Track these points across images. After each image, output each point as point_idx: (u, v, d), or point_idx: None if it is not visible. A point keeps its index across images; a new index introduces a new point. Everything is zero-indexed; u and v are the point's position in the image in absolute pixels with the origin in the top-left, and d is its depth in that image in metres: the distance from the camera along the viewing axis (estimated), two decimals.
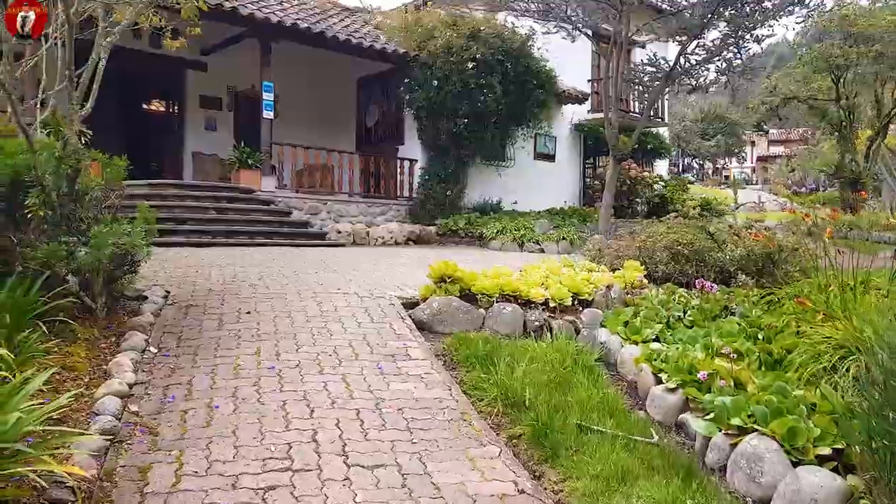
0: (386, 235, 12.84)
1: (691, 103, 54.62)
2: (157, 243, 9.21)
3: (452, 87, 13.38)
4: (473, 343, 4.82)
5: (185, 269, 6.99)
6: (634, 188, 17.26)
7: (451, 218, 13.77)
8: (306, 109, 15.51)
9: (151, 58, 13.22)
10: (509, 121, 14.55)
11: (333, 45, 12.88)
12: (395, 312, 5.44)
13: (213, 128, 14.47)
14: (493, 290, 5.50)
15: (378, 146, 15.36)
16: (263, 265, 7.58)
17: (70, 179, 4.31)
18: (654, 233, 8.10)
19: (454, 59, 13.46)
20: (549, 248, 11.68)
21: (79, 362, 4.10)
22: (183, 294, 5.53)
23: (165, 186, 10.54)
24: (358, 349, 4.61)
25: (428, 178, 14.20)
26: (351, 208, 13.34)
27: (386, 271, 7.67)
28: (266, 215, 10.94)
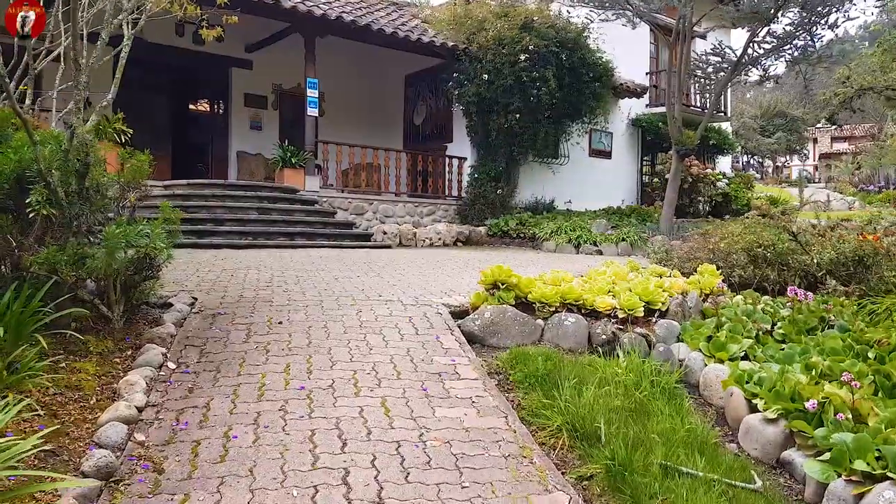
0: (433, 236, 12.29)
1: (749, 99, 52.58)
2: (194, 245, 8.92)
3: (504, 80, 12.76)
4: (532, 360, 4.19)
5: (219, 272, 6.56)
6: (696, 186, 16.26)
7: (501, 218, 13.14)
8: (353, 107, 15.11)
9: (196, 56, 13.02)
10: (564, 116, 13.83)
11: (380, 40, 12.42)
12: (443, 323, 4.85)
13: (259, 127, 14.19)
14: (552, 299, 4.85)
15: (426, 144, 14.86)
16: (302, 269, 7.11)
17: (79, 175, 3.87)
18: (729, 233, 7.29)
19: (506, 51, 12.85)
20: (607, 250, 10.92)
21: (86, 380, 3.63)
22: (211, 301, 5.07)
23: (205, 186, 10.23)
24: (400, 366, 4.04)
25: (477, 177, 13.62)
26: (397, 208, 12.85)
27: (433, 275, 7.09)
28: (309, 216, 10.52)
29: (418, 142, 15.16)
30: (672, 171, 12.45)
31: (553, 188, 14.94)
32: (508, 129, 13.11)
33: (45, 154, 3.63)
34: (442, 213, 13.62)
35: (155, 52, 12.35)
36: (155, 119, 13.24)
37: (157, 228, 4.17)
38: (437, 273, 7.35)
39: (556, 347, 4.63)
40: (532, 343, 4.66)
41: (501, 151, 13.52)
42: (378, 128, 15.35)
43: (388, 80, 15.46)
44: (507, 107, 12.93)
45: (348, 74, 14.84)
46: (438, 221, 13.40)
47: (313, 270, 7.01)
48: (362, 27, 11.76)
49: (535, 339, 4.69)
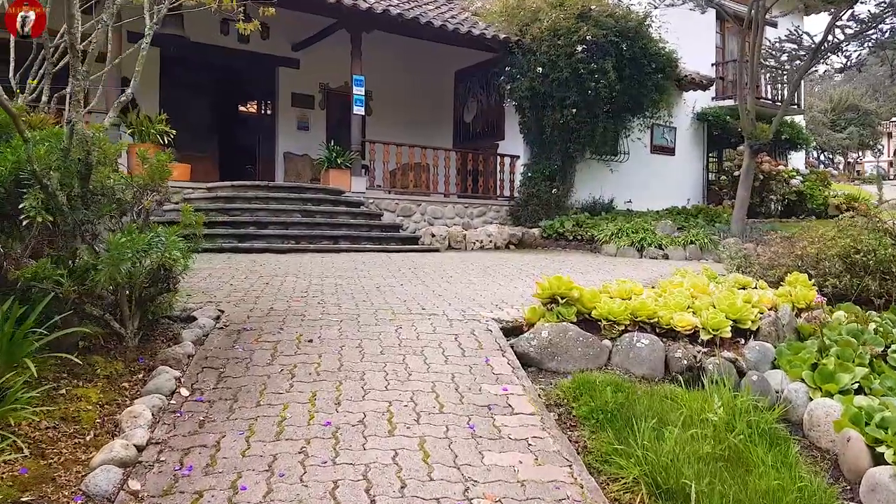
0: (484, 239, 11.68)
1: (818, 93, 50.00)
2: (234, 249, 8.54)
3: (559, 73, 12.05)
4: (599, 391, 3.55)
5: (254, 280, 6.12)
6: (767, 184, 15.19)
7: (556, 219, 12.43)
8: (401, 105, 14.64)
9: (242, 55, 12.77)
10: (624, 110, 13.02)
11: (428, 33, 11.88)
12: (493, 342, 4.25)
13: (306, 127, 13.86)
14: (621, 315, 4.19)
15: (476, 142, 14.27)
16: (343, 275, 6.61)
17: (82, 177, 3.42)
18: (819, 236, 6.45)
19: (561, 42, 12.14)
20: (674, 254, 10.10)
21: (86, 410, 3.18)
22: (238, 314, 4.59)
23: (249, 188, 9.88)
24: (443, 396, 3.46)
25: (531, 176, 12.94)
26: (446, 209, 12.29)
27: (482, 284, 6.49)
28: (354, 218, 10.06)
29: (468, 140, 14.58)
30: (744, 168, 11.50)
31: (612, 187, 14.13)
32: (564, 125, 12.40)
33: (41, 153, 3.19)
34: (493, 214, 13.00)
35: (199, 51, 12.14)
36: (201, 120, 13.04)
37: (172, 235, 3.69)
38: (487, 281, 6.74)
39: (627, 374, 3.97)
40: (598, 368, 4.01)
41: (556, 149, 12.81)
42: (427, 126, 14.83)
43: (438, 76, 14.93)
44: (563, 101, 12.22)
45: (396, 71, 14.37)
46: (489, 223, 12.79)
47: (354, 278, 6.51)
48: (410, 20, 11.24)
49: (601, 364, 4.04)
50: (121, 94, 4.39)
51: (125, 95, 4.40)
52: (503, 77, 12.78)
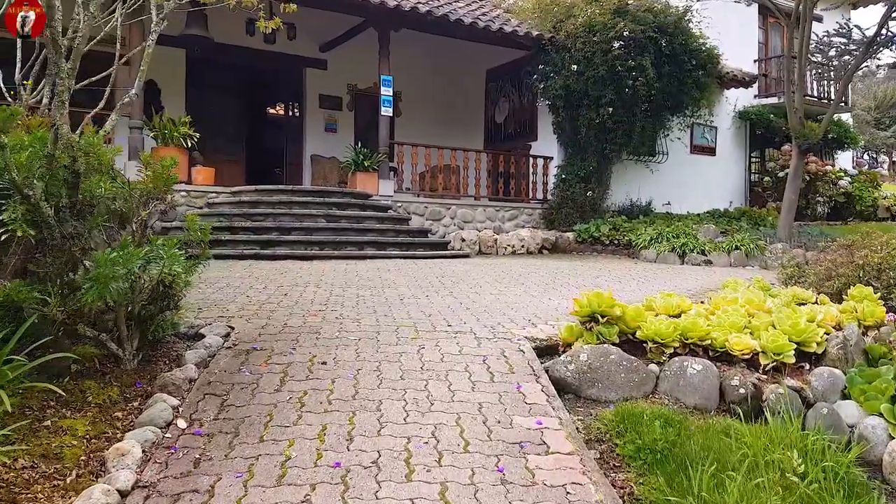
0: (516, 243, 11.25)
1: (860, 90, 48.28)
2: (256, 256, 8.26)
3: (595, 71, 11.57)
4: (647, 425, 3.12)
5: (272, 290, 5.80)
6: (814, 185, 14.49)
7: (592, 223, 11.94)
8: (430, 106, 14.30)
9: (268, 56, 12.57)
10: (662, 109, 12.48)
11: (458, 31, 11.50)
12: (526, 364, 3.84)
13: (334, 129, 13.61)
14: (669, 336, 3.75)
15: (508, 143, 13.86)
16: (366, 285, 6.27)
17: (70, 186, 3.11)
18: (883, 243, 5.89)
19: (597, 38, 11.66)
20: (718, 260, 9.55)
21: (70, 446, 2.87)
22: (249, 331, 4.26)
23: (273, 192, 9.63)
24: (469, 431, 3.06)
25: (565, 178, 12.48)
26: (477, 213, 11.90)
27: (514, 295, 6.08)
28: (380, 223, 9.72)
29: (500, 141, 14.16)
30: (792, 169, 10.87)
31: (650, 189, 13.58)
32: (600, 125, 11.91)
33: (22, 160, 2.89)
34: (525, 217, 12.56)
35: (225, 52, 11.97)
36: (228, 123, 12.87)
37: (172, 248, 3.37)
38: (519, 292, 6.32)
39: (676, 403, 3.52)
40: (643, 396, 3.57)
41: (592, 149, 12.32)
42: (457, 127, 14.46)
43: (468, 76, 14.55)
44: (599, 100, 11.74)
45: (426, 71, 14.04)
46: (522, 227, 12.36)
47: (377, 288, 6.15)
48: (439, 18, 10.88)
49: (646, 392, 3.60)
50: (124, 96, 4.09)
51: (128, 97, 4.11)
52: (536, 75, 12.35)
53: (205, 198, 9.62)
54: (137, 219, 3.62)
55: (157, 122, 9.43)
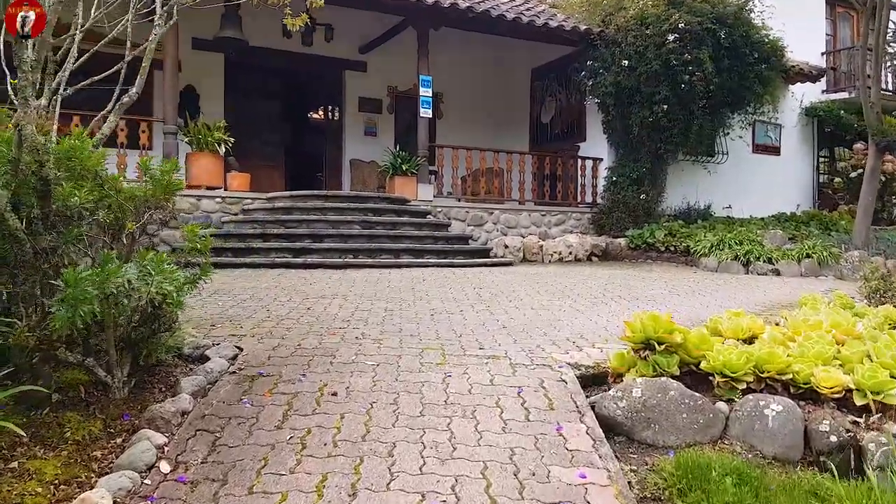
0: (563, 250, 10.64)
1: None
2: (287, 264, 7.88)
3: (648, 66, 10.89)
4: (716, 483, 2.54)
5: (296, 303, 5.39)
6: (890, 186, 13.37)
7: (646, 228, 11.23)
8: (473, 107, 13.81)
9: (307, 59, 12.30)
10: (722, 105, 11.69)
11: (501, 28, 10.99)
12: (568, 398, 3.29)
13: (373, 132, 13.24)
14: (741, 369, 3.15)
15: (555, 144, 13.25)
16: (396, 297, 5.79)
17: (40, 195, 2.72)
18: None
19: (650, 31, 10.97)
20: (787, 270, 8.74)
21: (34, 494, 2.46)
22: (259, 352, 3.83)
23: (308, 198, 9.28)
24: (496, 486, 2.54)
25: (616, 180, 11.79)
26: (521, 218, 11.33)
27: (558, 309, 5.50)
28: (418, 229, 9.26)
29: (546, 142, 13.55)
30: (868, 169, 9.96)
31: (708, 191, 12.75)
32: (654, 123, 11.20)
33: None
34: (573, 222, 11.93)
35: (261, 56, 11.74)
36: (268, 127, 12.65)
37: (162, 264, 2.95)
38: (564, 306, 5.74)
39: (751, 451, 2.91)
40: (710, 441, 2.98)
41: (645, 150, 11.61)
42: (501, 129, 13.93)
43: (512, 75, 13.99)
44: (652, 97, 11.04)
45: (468, 71, 13.55)
46: (569, 232, 11.73)
47: (408, 301, 5.67)
48: (479, 14, 10.38)
49: (714, 436, 3.00)
50: (123, 96, 3.71)
51: (128, 97, 3.73)
52: (584, 72, 11.72)
53: (240, 204, 9.34)
54: (135, 229, 3.21)
55: (191, 128, 9.20)
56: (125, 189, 3.45)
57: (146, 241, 8.79)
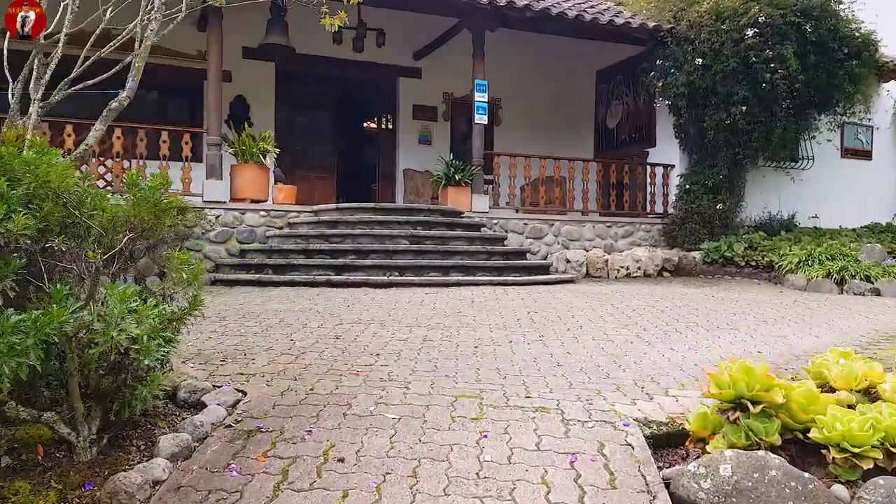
0: (631, 265, 9.81)
1: None
2: (328, 283, 7.38)
3: (724, 64, 9.98)
4: None
5: (326, 330, 4.85)
6: None
7: (723, 240, 10.28)
8: (532, 112, 13.13)
9: (359, 66, 11.91)
10: (807, 106, 10.65)
11: (563, 27, 10.29)
12: (636, 472, 2.58)
13: (428, 141, 12.72)
14: (865, 442, 2.37)
15: (621, 150, 12.41)
16: (439, 324, 5.18)
17: None
18: None
19: (726, 27, 10.07)
20: (888, 290, 7.67)
21: None
22: (265, 398, 3.28)
23: (355, 211, 8.81)
24: None
25: (689, 188, 10.87)
26: (584, 230, 10.55)
27: (623, 341, 4.76)
28: (470, 244, 8.62)
29: (612, 148, 12.71)
30: None
31: (792, 199, 11.64)
32: (731, 126, 10.25)
33: None
34: (642, 234, 11.05)
35: (312, 64, 11.43)
36: (319, 137, 12.33)
37: (124, 302, 2.42)
38: (632, 335, 4.99)
39: None
40: None
41: (721, 155, 10.65)
42: (563, 135, 13.17)
43: (575, 78, 13.22)
44: (730, 97, 10.11)
45: (527, 75, 12.89)
46: (637, 245, 10.87)
47: (452, 328, 5.05)
48: (538, 13, 9.71)
49: None
50: (112, 101, 3.25)
51: (117, 101, 3.27)
52: (653, 73, 10.87)
53: (285, 217, 8.96)
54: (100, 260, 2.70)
55: (235, 138, 8.89)
56: (110, 209, 2.96)
57: None
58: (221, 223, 8.64)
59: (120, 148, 8.37)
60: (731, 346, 4.68)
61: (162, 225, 3.03)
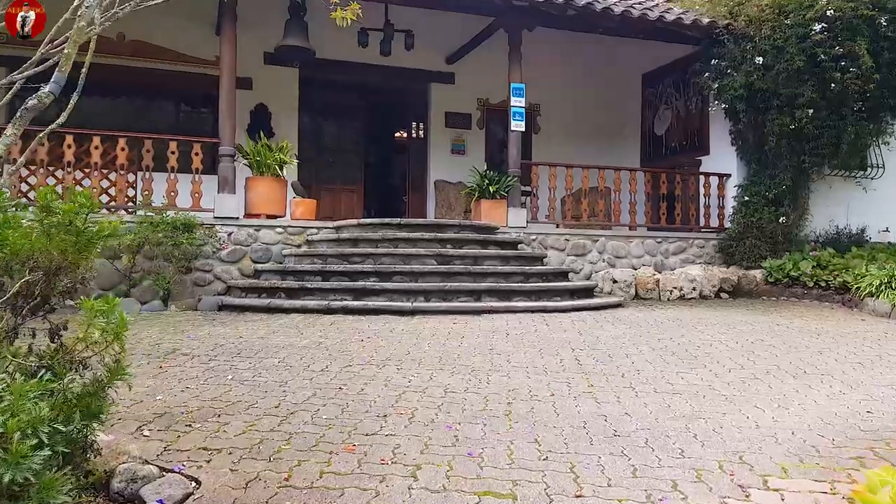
0: (684, 285, 8.83)
1: None
2: (344, 309, 6.51)
3: (788, 63, 8.99)
4: None
5: (331, 375, 4.05)
6: None
7: (787, 257, 9.23)
8: (573, 119, 12.25)
9: (388, 72, 11.19)
10: (881, 108, 9.53)
11: (607, 25, 9.41)
12: None
13: (462, 151, 11.93)
14: None
15: (672, 158, 11.43)
16: (465, 366, 4.33)
17: None
18: None
19: (790, 21, 9.08)
20: None
21: None
22: (222, 491, 2.45)
23: (378, 227, 8.04)
24: None
25: (748, 200, 9.85)
26: (632, 246, 9.61)
27: (695, 392, 3.84)
28: (505, 263, 7.74)
29: (661, 157, 11.73)
30: None
31: (861, 212, 10.49)
32: (796, 132, 9.23)
33: None
34: (695, 250, 10.04)
35: (337, 69, 10.78)
36: (344, 147, 11.66)
37: None
38: (702, 383, 4.06)
39: None
40: None
41: (784, 163, 9.60)
42: (607, 142, 12.24)
43: (620, 82, 12.29)
44: (794, 99, 9.10)
45: (570, 79, 12.03)
46: (691, 262, 9.88)
47: (481, 372, 4.20)
48: (581, 9, 8.84)
49: None
50: (30, 99, 2.51)
51: (35, 99, 2.51)
52: (707, 74, 9.90)
53: (304, 234, 8.24)
54: None
55: (250, 148, 8.21)
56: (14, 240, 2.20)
57: (198, 276, 7.86)
58: (234, 241, 7.96)
59: (124, 160, 7.76)
60: (831, 401, 3.73)
61: (84, 260, 2.26)
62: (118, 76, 9.67)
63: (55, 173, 7.87)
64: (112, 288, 7.50)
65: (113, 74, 9.41)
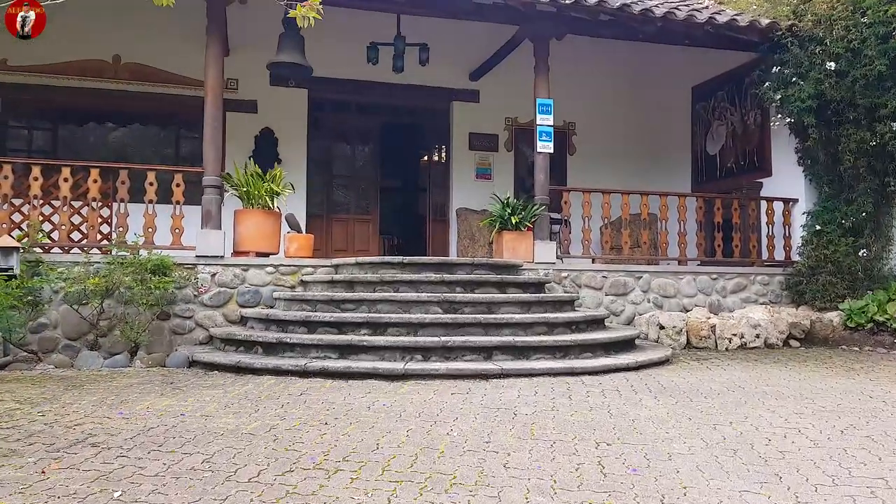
0: (746, 332, 7.47)
1: None
2: (322, 372, 5.26)
3: (866, 68, 7.65)
4: None
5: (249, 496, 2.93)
6: None
7: (869, 298, 7.78)
8: (612, 139, 11.04)
9: (404, 90, 10.23)
10: None
11: (647, 30, 8.22)
12: None
13: (487, 175, 10.85)
14: None
15: (726, 181, 10.07)
16: (446, 475, 3.13)
17: None
18: None
19: (868, 19, 7.74)
20: None
21: None
22: None
23: (378, 266, 6.96)
24: None
25: (820, 229, 8.44)
26: (682, 284, 8.28)
27: None
28: (525, 310, 6.49)
29: (715, 179, 10.38)
30: None
31: None
32: (877, 149, 7.85)
33: None
34: (758, 288, 8.65)
35: (348, 89, 9.88)
36: (357, 173, 10.71)
37: None
38: None
39: None
40: None
41: (863, 186, 8.20)
42: (651, 164, 10.97)
43: (667, 96, 11.02)
44: (874, 111, 7.74)
45: (607, 95, 10.85)
46: (752, 302, 8.50)
47: (462, 488, 3.00)
48: (616, 11, 7.69)
49: None
50: None
51: None
52: (768, 84, 8.60)
53: (298, 274, 7.24)
54: None
55: (238, 177, 7.28)
56: None
57: (176, 323, 6.92)
58: (218, 282, 7.02)
59: (96, 192, 6.91)
60: None
61: None
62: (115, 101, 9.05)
63: (22, 209, 7.10)
64: (79, 338, 6.63)
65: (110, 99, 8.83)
